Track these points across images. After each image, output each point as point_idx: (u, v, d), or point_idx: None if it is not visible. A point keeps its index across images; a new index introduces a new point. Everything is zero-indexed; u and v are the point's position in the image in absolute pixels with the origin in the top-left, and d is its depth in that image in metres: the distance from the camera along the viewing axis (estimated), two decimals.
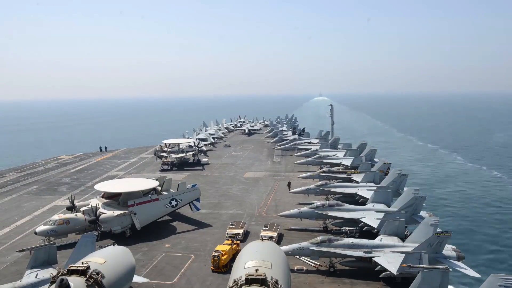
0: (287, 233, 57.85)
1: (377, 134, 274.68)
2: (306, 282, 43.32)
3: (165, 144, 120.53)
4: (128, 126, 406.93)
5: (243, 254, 32.47)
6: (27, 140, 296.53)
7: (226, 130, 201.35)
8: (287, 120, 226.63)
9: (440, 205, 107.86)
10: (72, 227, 55.12)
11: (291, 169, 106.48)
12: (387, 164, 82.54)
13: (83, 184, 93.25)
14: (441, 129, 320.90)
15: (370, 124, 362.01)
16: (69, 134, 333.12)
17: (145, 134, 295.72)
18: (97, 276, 28.64)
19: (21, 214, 70.56)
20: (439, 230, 44.16)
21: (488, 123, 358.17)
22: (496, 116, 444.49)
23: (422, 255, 38.90)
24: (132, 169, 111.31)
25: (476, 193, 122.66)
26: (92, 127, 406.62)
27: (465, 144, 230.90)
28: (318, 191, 71.17)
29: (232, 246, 49.01)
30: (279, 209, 68.31)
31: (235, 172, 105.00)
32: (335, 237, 46.34)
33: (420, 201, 56.21)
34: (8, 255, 52.13)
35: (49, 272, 34.71)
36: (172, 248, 53.95)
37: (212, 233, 59.29)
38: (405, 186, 69.44)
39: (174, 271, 46.57)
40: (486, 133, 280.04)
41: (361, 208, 60.24)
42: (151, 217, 60.78)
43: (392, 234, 48.44)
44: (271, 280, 26.17)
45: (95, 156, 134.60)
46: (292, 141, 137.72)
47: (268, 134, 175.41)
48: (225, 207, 73.26)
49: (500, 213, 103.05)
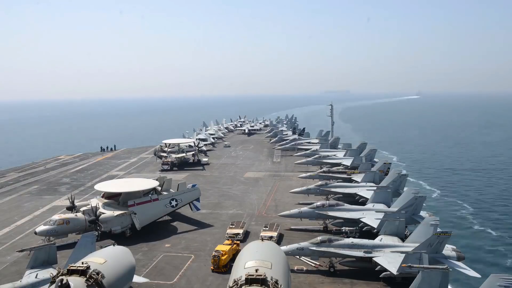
0: (287, 233, 57.84)
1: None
2: (306, 282, 43.30)
3: (165, 144, 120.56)
4: (138, 125, 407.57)
5: (243, 254, 32.45)
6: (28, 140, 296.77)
7: (226, 130, 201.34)
8: (287, 120, 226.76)
9: (440, 205, 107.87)
10: (72, 227, 55.10)
11: (291, 169, 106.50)
12: (387, 164, 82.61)
13: (83, 184, 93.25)
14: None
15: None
16: (83, 133, 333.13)
17: (148, 134, 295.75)
18: (97, 276, 28.61)
19: (21, 214, 70.56)
20: (439, 230, 44.16)
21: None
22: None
23: (422, 255, 38.91)
24: (132, 169, 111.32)
25: (477, 193, 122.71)
26: (105, 126, 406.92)
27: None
28: (318, 191, 71.18)
29: (232, 246, 49.01)
30: (279, 209, 68.30)
31: (235, 172, 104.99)
32: (335, 237, 46.34)
33: (420, 201, 56.23)
34: (8, 255, 52.12)
35: (49, 272, 34.70)
36: (172, 248, 53.94)
37: (212, 233, 59.27)
38: (405, 186, 69.48)
39: (174, 271, 46.56)
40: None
41: (361, 208, 60.25)
42: (151, 217, 60.76)
43: (392, 234, 48.46)
44: (271, 280, 26.15)
45: (95, 156, 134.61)
46: (292, 141, 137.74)
47: (268, 134, 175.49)
48: (225, 207, 73.25)
49: (500, 212, 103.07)
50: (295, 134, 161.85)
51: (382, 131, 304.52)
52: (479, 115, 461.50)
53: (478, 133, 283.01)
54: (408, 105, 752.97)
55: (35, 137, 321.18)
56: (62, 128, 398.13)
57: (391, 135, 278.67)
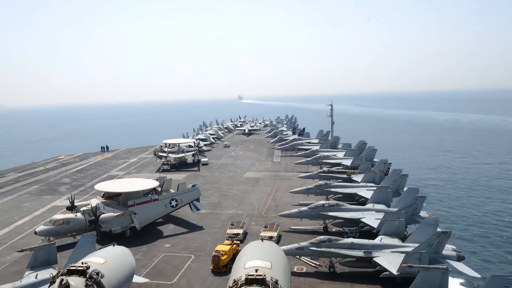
0: (287, 233, 57.82)
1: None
2: (306, 282, 43.30)
3: (165, 144, 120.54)
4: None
5: (243, 254, 32.43)
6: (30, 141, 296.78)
7: (226, 130, 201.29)
8: (287, 120, 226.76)
9: (440, 205, 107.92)
10: (72, 227, 55.15)
11: (291, 169, 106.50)
12: (387, 164, 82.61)
13: (83, 184, 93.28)
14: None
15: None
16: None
17: (148, 134, 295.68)
18: (97, 276, 28.57)
19: (21, 214, 70.57)
20: (439, 230, 44.19)
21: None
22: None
23: (422, 255, 38.92)
24: (132, 169, 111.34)
25: (476, 193, 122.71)
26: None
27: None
28: (318, 191, 71.15)
29: (232, 246, 49.02)
30: (279, 209, 68.31)
31: (235, 172, 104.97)
32: (335, 237, 46.31)
33: (420, 201, 56.24)
34: (8, 255, 52.15)
35: (49, 272, 34.71)
36: (172, 248, 53.95)
37: (212, 233, 59.28)
38: (405, 186, 69.48)
39: (174, 271, 46.57)
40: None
41: (361, 208, 60.21)
42: (151, 217, 60.80)
43: (392, 234, 48.40)
44: (271, 280, 26.11)
45: (95, 156, 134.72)
46: (292, 141, 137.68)
47: (268, 134, 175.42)
48: (225, 207, 73.26)
49: (500, 212, 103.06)
50: (295, 134, 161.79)
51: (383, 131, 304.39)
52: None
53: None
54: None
55: (35, 137, 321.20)
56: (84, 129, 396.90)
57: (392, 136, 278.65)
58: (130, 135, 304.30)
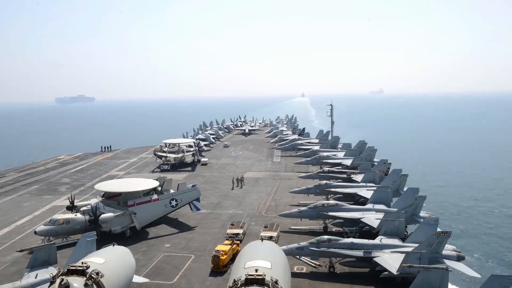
0: (287, 233, 57.82)
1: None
2: (306, 282, 43.28)
3: (165, 144, 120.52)
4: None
5: (243, 254, 32.44)
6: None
7: (226, 130, 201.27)
8: (287, 120, 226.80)
9: (440, 205, 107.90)
10: (72, 227, 55.13)
11: (291, 169, 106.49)
12: (387, 164, 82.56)
13: (83, 184, 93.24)
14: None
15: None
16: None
17: (148, 134, 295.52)
18: (97, 276, 28.57)
19: (21, 214, 70.55)
20: (439, 230, 44.16)
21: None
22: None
23: (422, 255, 38.91)
24: (132, 169, 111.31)
25: (476, 193, 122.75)
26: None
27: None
28: (318, 191, 71.13)
29: (232, 246, 49.02)
30: (279, 209, 68.29)
31: (235, 172, 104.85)
32: (335, 237, 46.26)
33: (420, 201, 56.20)
34: (8, 255, 52.10)
35: (49, 272, 34.64)
36: (172, 248, 53.93)
37: (212, 233, 59.30)
38: (405, 186, 69.48)
39: (174, 271, 46.56)
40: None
41: (361, 208, 60.19)
42: (151, 217, 60.78)
43: (392, 234, 48.36)
44: (271, 280, 26.10)
45: (95, 156, 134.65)
46: (292, 141, 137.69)
47: (268, 134, 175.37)
48: (225, 207, 73.25)
49: (500, 212, 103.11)
50: (295, 134, 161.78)
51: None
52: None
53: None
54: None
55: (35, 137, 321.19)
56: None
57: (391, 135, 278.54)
58: (130, 135, 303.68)
